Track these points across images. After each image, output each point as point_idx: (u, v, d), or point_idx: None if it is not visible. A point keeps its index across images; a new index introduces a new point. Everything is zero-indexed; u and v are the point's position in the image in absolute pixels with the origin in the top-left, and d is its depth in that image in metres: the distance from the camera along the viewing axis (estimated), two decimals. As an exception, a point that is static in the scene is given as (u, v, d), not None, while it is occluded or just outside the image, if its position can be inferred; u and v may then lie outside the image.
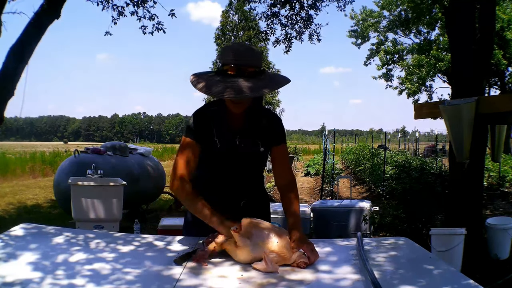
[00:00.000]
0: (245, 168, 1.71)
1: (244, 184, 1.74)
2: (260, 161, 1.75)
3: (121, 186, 4.84)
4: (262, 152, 1.70)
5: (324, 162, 10.27)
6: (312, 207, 5.19)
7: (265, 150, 1.71)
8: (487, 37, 4.11)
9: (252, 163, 1.72)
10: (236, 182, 1.72)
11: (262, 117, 1.71)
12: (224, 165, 1.68)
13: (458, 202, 4.05)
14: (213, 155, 1.66)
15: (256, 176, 1.81)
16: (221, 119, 1.66)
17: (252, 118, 1.68)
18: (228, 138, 1.66)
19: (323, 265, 1.34)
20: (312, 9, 7.49)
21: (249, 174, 1.75)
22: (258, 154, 1.70)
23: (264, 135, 1.70)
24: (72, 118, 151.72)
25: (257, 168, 1.78)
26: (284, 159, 1.77)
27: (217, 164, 1.69)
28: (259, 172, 1.82)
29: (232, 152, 1.66)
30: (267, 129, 1.70)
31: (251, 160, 1.71)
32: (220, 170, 1.70)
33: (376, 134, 47.54)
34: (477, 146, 3.75)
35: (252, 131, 1.68)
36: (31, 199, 8.49)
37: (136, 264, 1.31)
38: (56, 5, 4.70)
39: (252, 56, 1.52)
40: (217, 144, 1.65)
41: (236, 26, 25.04)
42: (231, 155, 1.66)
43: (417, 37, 20.19)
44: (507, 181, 9.45)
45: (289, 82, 1.58)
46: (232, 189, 1.72)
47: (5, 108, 4.56)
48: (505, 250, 3.79)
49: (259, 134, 1.69)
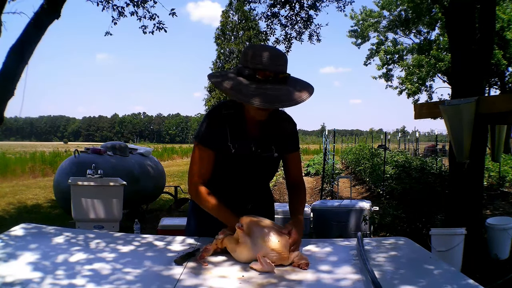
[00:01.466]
0: (257, 173, 1.69)
1: (253, 188, 1.72)
2: (273, 166, 1.72)
3: (121, 186, 4.84)
4: (276, 157, 1.68)
5: (324, 162, 10.27)
6: (312, 207, 5.19)
7: (279, 156, 1.69)
8: (487, 37, 4.10)
9: (265, 168, 1.70)
10: (246, 186, 1.70)
11: (280, 123, 1.68)
12: (236, 169, 1.65)
13: (458, 202, 4.05)
14: (227, 159, 1.61)
15: (265, 181, 1.81)
16: (238, 124, 1.60)
17: (270, 123, 1.64)
18: (243, 143, 1.61)
19: (323, 265, 1.34)
20: (312, 9, 7.49)
21: (260, 178, 1.74)
22: (272, 159, 1.67)
23: (280, 141, 1.67)
24: (72, 118, 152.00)
25: (269, 173, 1.75)
26: (297, 164, 1.77)
27: (229, 168, 1.64)
28: (271, 177, 1.80)
29: (247, 157, 1.62)
30: (283, 136, 1.67)
31: (265, 165, 1.68)
32: (231, 173, 1.66)
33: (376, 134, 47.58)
34: (477, 146, 3.74)
35: (268, 137, 1.65)
36: (31, 199, 8.49)
37: (136, 264, 1.31)
38: (56, 5, 4.70)
39: (285, 61, 1.46)
40: (231, 149, 1.60)
41: (236, 26, 25.04)
42: (245, 160, 1.62)
43: (417, 37, 20.21)
44: (507, 181, 9.45)
45: (313, 88, 1.51)
46: (241, 192, 1.70)
47: (5, 108, 4.56)
48: (505, 250, 3.78)
49: (274, 140, 1.66)
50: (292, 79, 1.48)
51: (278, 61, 1.43)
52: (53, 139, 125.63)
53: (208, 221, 1.63)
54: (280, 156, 1.69)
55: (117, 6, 6.08)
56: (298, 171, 1.78)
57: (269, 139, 1.65)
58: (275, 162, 1.70)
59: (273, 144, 1.66)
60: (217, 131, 1.59)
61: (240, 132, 1.61)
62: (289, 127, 1.70)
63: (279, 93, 1.39)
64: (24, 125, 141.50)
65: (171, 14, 6.23)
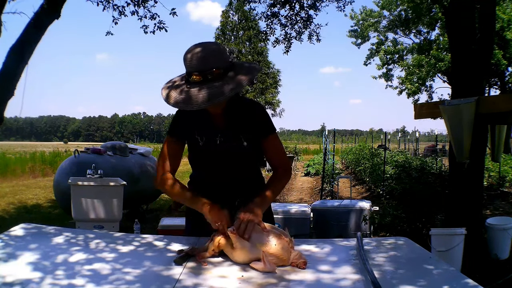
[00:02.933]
0: (232, 165, 1.68)
1: (236, 182, 1.70)
2: (246, 157, 1.70)
3: (121, 186, 4.83)
4: (246, 147, 1.65)
5: (324, 162, 10.27)
6: (312, 207, 5.18)
7: (251, 144, 1.66)
8: (487, 37, 4.10)
9: (237, 160, 1.68)
10: (227, 180, 1.69)
11: (244, 111, 1.67)
12: (210, 163, 1.68)
13: (458, 202, 4.05)
14: (197, 153, 1.68)
15: (249, 174, 1.76)
16: (204, 117, 1.65)
17: (233, 113, 1.65)
18: (209, 136, 1.65)
19: (323, 265, 1.34)
20: (311, 9, 7.48)
21: (239, 171, 1.71)
22: (241, 149, 1.66)
23: (248, 129, 1.65)
24: (72, 118, 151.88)
25: (245, 164, 1.72)
26: (277, 148, 1.71)
27: (204, 163, 1.70)
28: (251, 169, 1.77)
29: (214, 149, 1.65)
30: (250, 122, 1.65)
31: (236, 156, 1.67)
32: (209, 169, 1.70)
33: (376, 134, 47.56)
34: (477, 146, 3.74)
35: (234, 127, 1.65)
36: (31, 199, 8.49)
37: (136, 264, 1.31)
38: (56, 5, 4.69)
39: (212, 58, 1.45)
40: (199, 142, 1.65)
41: (236, 26, 25.04)
42: (213, 152, 1.65)
43: (417, 37, 20.21)
44: (507, 181, 9.44)
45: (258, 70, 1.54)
46: (224, 188, 1.69)
47: (5, 108, 4.56)
48: (505, 250, 3.78)
49: (241, 129, 1.65)
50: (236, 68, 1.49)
51: (203, 61, 1.43)
52: (53, 139, 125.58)
53: (203, 221, 1.62)
54: (253, 144, 1.67)
55: (117, 6, 6.08)
56: (279, 155, 1.72)
57: (236, 129, 1.65)
58: (247, 151, 1.67)
59: (240, 134, 1.65)
60: (184, 124, 1.65)
61: (206, 124, 1.65)
62: (255, 112, 1.68)
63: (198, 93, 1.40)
64: (24, 125, 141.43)
65: (171, 14, 6.23)
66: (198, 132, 1.65)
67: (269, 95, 25.59)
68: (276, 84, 26.03)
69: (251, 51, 24.83)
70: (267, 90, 25.26)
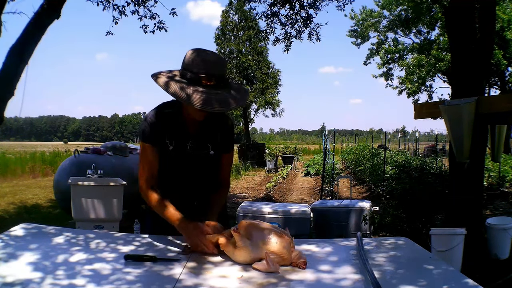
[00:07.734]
0: (196, 170, 1.76)
1: (196, 185, 1.79)
2: (210, 164, 1.79)
3: (121, 186, 4.83)
4: (212, 155, 1.76)
5: (324, 162, 10.26)
6: (312, 207, 5.18)
7: (216, 154, 1.77)
8: (487, 37, 4.10)
9: (202, 166, 1.77)
10: (188, 183, 1.77)
11: (216, 122, 1.76)
12: (176, 166, 1.73)
13: (458, 202, 4.05)
14: (165, 156, 1.71)
15: (209, 179, 1.83)
16: (176, 122, 1.69)
17: (208, 123, 1.72)
18: (180, 141, 1.70)
19: (323, 265, 1.34)
20: (311, 8, 7.51)
21: (201, 176, 1.79)
22: (207, 157, 1.75)
23: (217, 140, 1.76)
24: (72, 118, 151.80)
25: (208, 170, 1.81)
26: (229, 164, 1.89)
27: (170, 166, 1.73)
28: (212, 175, 1.84)
29: (183, 154, 1.71)
30: (220, 135, 1.76)
31: (201, 162, 1.76)
32: (173, 171, 1.75)
33: (376, 134, 47.58)
34: (477, 146, 3.74)
35: (205, 136, 1.74)
36: (31, 199, 8.49)
37: (136, 264, 1.31)
38: (56, 5, 4.70)
39: (224, 66, 1.57)
40: (169, 146, 1.69)
41: (236, 26, 24.99)
42: (181, 157, 1.71)
43: (417, 37, 20.22)
44: (507, 181, 9.44)
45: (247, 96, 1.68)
46: (185, 190, 1.77)
47: (5, 108, 4.56)
48: (505, 250, 3.78)
49: (211, 138, 1.75)
50: (230, 83, 1.59)
51: (217, 67, 1.52)
52: (53, 139, 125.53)
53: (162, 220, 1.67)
54: (217, 154, 1.77)
55: (117, 6, 6.08)
56: (226, 172, 1.88)
57: (206, 137, 1.74)
58: (212, 159, 1.77)
59: (209, 142, 1.74)
60: (157, 130, 1.67)
61: (179, 130, 1.69)
62: (227, 125, 1.79)
63: (216, 97, 1.48)
64: (24, 125, 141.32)
65: (171, 14, 6.23)
66: (169, 136, 1.69)
67: (269, 95, 25.55)
68: (276, 84, 25.99)
69: (251, 51, 24.78)
70: (267, 90, 25.22)
